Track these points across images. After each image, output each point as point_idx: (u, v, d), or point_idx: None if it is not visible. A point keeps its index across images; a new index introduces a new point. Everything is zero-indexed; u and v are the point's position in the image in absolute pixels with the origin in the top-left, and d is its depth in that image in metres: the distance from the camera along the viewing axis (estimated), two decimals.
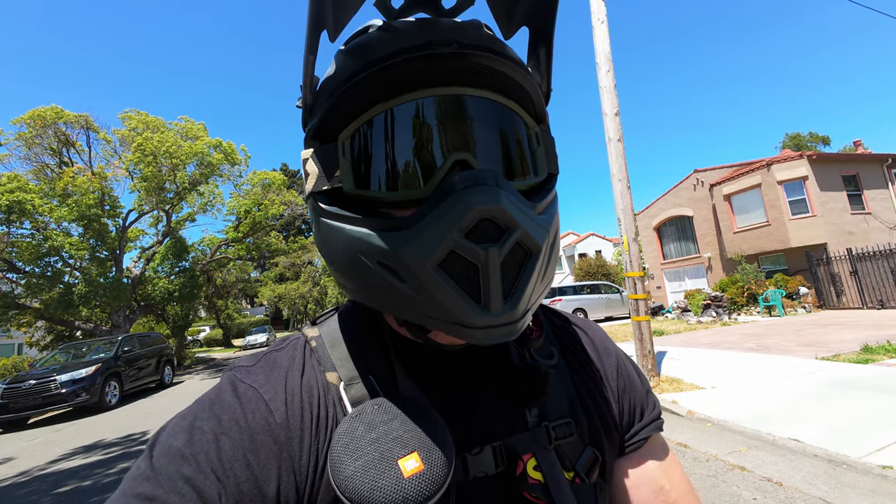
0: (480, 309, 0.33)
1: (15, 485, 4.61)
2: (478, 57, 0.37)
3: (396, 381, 0.42)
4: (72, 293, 13.19)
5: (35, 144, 14.87)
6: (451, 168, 0.36)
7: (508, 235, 0.34)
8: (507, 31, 0.43)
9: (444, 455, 0.36)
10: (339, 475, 0.34)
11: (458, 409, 0.43)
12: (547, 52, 0.42)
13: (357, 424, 0.37)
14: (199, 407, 0.40)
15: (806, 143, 41.00)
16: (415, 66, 0.36)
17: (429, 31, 0.37)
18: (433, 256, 0.33)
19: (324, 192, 0.39)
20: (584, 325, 0.59)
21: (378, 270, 0.36)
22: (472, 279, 0.34)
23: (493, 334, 0.34)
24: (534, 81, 0.41)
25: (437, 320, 0.35)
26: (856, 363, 5.45)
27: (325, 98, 0.39)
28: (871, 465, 2.80)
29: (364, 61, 0.37)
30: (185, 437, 0.37)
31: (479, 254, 0.33)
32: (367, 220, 0.36)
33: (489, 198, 0.33)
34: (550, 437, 0.43)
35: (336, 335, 0.46)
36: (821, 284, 13.33)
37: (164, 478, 0.34)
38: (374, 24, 0.42)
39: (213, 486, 0.34)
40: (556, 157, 0.45)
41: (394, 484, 0.33)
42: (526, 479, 0.41)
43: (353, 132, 0.38)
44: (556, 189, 0.44)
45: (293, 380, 0.42)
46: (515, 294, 0.35)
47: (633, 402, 0.54)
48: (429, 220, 0.34)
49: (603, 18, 6.10)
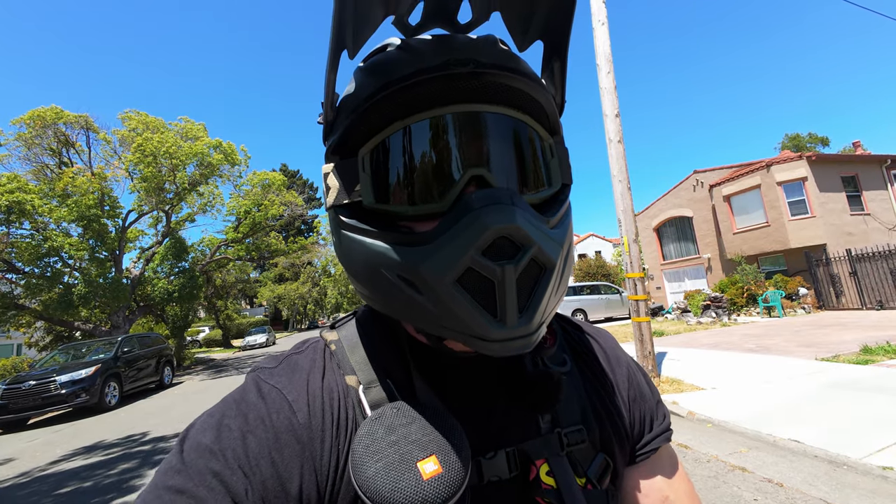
0: (496, 323, 0.35)
1: (16, 486, 4.60)
2: (494, 75, 0.38)
3: (414, 385, 0.43)
4: (71, 294, 13.17)
5: (35, 145, 14.84)
6: (467, 183, 0.37)
7: (524, 253, 0.35)
8: (522, 44, 0.44)
9: (462, 458, 0.37)
10: (361, 476, 0.35)
11: (472, 415, 0.43)
12: (561, 65, 0.43)
13: (377, 427, 0.38)
14: (226, 406, 0.41)
15: (805, 144, 41.03)
16: (433, 86, 0.37)
17: (446, 50, 0.38)
18: (452, 273, 0.34)
19: (344, 205, 0.41)
20: (596, 333, 0.60)
21: (397, 283, 0.37)
22: (489, 294, 0.35)
23: (509, 347, 0.35)
24: (548, 95, 0.42)
25: (454, 332, 0.36)
26: (855, 364, 5.46)
27: (345, 115, 0.40)
28: (872, 465, 2.81)
29: (383, 81, 0.38)
30: (214, 433, 0.38)
31: (496, 270, 0.34)
32: (387, 233, 0.38)
33: (505, 217, 0.34)
34: (563, 444, 0.44)
35: (355, 339, 0.47)
36: (820, 285, 13.34)
37: (194, 472, 0.35)
38: (392, 43, 0.43)
39: (241, 481, 0.35)
40: (570, 167, 0.46)
41: (413, 485, 0.34)
42: (539, 485, 0.42)
43: (372, 148, 0.39)
44: (570, 198, 0.45)
45: (314, 382, 0.43)
46: (530, 308, 0.36)
47: (644, 412, 0.55)
48: (447, 238, 0.35)
49: (603, 20, 6.12)
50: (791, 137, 43.03)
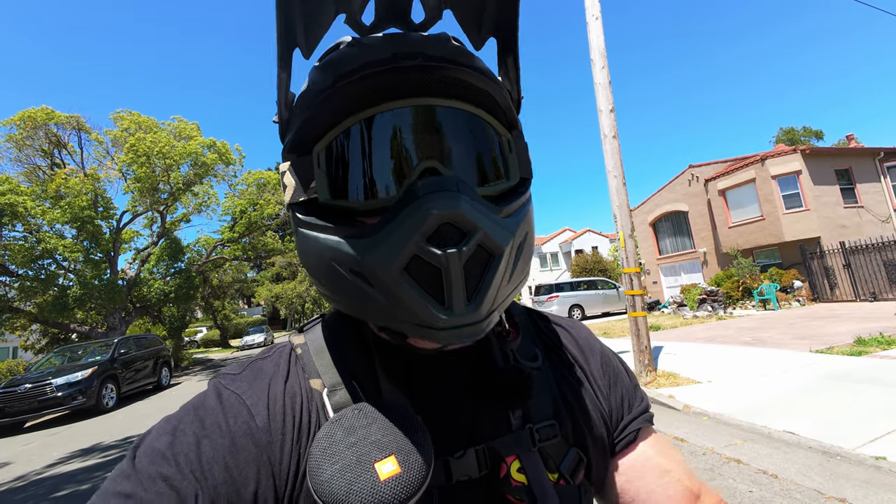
0: (444, 310, 0.35)
1: (11, 490, 4.58)
2: (443, 69, 0.38)
3: (380, 386, 0.42)
4: (66, 296, 13.10)
5: (26, 146, 14.73)
6: (419, 176, 0.37)
7: (469, 238, 0.35)
8: (477, 42, 0.44)
9: (422, 458, 0.36)
10: (317, 479, 0.35)
11: (441, 413, 0.43)
12: (514, 59, 0.44)
13: (336, 429, 0.37)
14: (184, 412, 0.41)
15: (800, 138, 41.21)
16: (381, 79, 0.37)
17: (395, 44, 0.39)
18: (397, 261, 0.34)
19: (301, 202, 0.41)
20: (567, 323, 0.59)
21: (350, 277, 0.37)
22: (436, 282, 0.35)
23: (458, 334, 0.36)
24: (502, 90, 0.42)
25: (404, 322, 0.37)
26: (849, 355, 5.50)
27: (298, 113, 0.40)
28: (865, 456, 2.83)
29: (333, 76, 0.38)
30: (168, 439, 0.38)
31: (440, 257, 0.34)
32: (339, 228, 0.38)
33: (448, 202, 0.34)
34: (534, 439, 0.43)
35: (321, 342, 0.47)
36: (814, 278, 13.44)
37: (144, 476, 0.35)
38: (344, 41, 0.43)
39: (191, 486, 0.35)
40: (530, 161, 0.46)
41: (370, 487, 0.34)
42: (509, 482, 0.41)
43: (326, 145, 0.39)
44: (531, 192, 0.45)
45: (276, 386, 0.43)
46: (479, 295, 0.36)
47: (621, 397, 0.54)
48: (392, 227, 0.35)
49: (597, 15, 6.10)
50: (786, 131, 43.21)
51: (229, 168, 17.75)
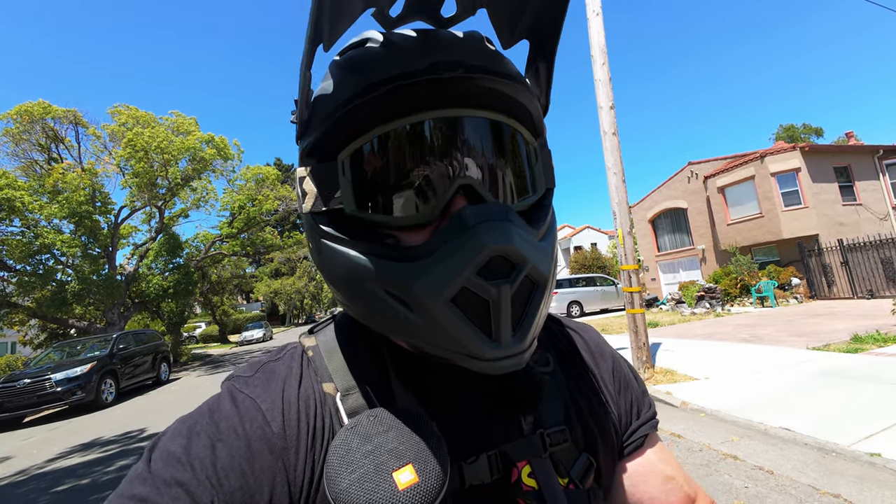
0: (491, 342, 0.34)
1: (12, 484, 4.60)
2: (482, 80, 0.36)
3: (393, 391, 0.42)
4: (64, 291, 13.06)
5: (22, 140, 14.60)
6: (455, 192, 0.36)
7: (519, 272, 0.34)
8: (507, 42, 0.43)
9: (440, 467, 0.36)
10: (335, 488, 0.34)
11: (453, 418, 0.43)
12: (548, 67, 0.42)
13: (352, 436, 0.37)
14: (199, 414, 0.40)
15: (799, 135, 41.16)
16: (418, 90, 0.35)
17: (432, 50, 0.37)
18: (447, 292, 0.33)
19: (322, 212, 0.39)
20: (579, 327, 0.60)
21: (386, 298, 0.36)
22: (483, 314, 0.34)
23: (501, 366, 0.35)
24: (534, 99, 0.41)
25: (444, 349, 0.36)
26: (846, 353, 5.54)
27: (323, 116, 0.38)
28: (860, 452, 2.86)
29: (365, 83, 0.36)
30: (183, 442, 0.37)
31: (492, 291, 0.33)
32: (374, 245, 0.37)
33: (502, 236, 0.33)
34: (545, 445, 0.43)
35: (333, 345, 0.46)
36: (812, 275, 13.48)
37: (160, 481, 0.35)
38: (372, 38, 0.41)
39: (207, 492, 0.34)
40: (553, 169, 0.45)
41: (389, 497, 0.33)
42: (520, 487, 0.42)
43: (353, 152, 0.38)
44: (554, 202, 0.45)
45: (290, 390, 0.42)
46: (524, 325, 0.36)
47: (630, 403, 0.55)
48: (441, 255, 0.34)
49: (598, 11, 6.07)
50: (786, 128, 43.17)
51: (228, 163, 17.65)
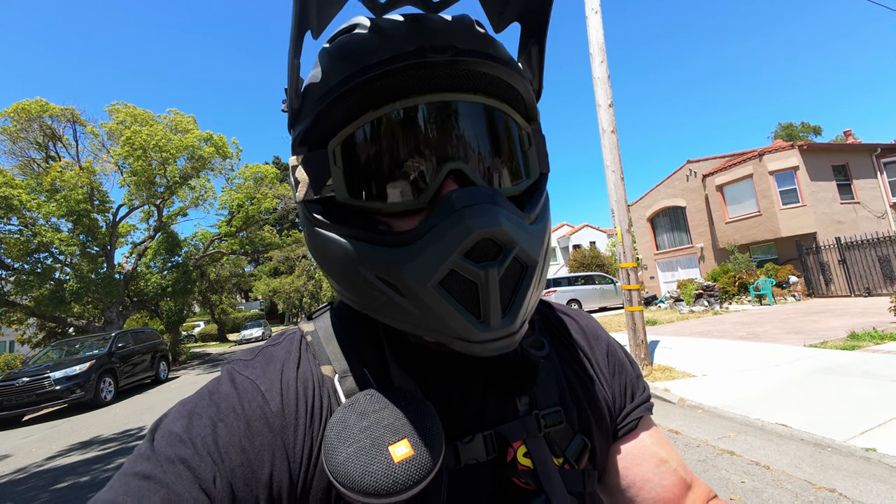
0: (480, 324, 0.35)
1: (12, 482, 4.60)
2: (473, 63, 0.36)
3: (390, 373, 0.43)
4: (63, 290, 13.04)
5: (20, 138, 14.54)
6: (445, 177, 0.36)
7: (507, 254, 0.35)
8: (498, 25, 0.42)
9: (434, 442, 0.37)
10: (332, 461, 0.35)
11: (450, 400, 0.44)
12: (539, 49, 0.42)
13: (349, 413, 0.38)
14: (199, 396, 0.41)
15: (798, 133, 41.24)
16: (407, 75, 0.35)
17: (421, 35, 0.36)
18: (435, 276, 0.34)
19: (315, 200, 0.40)
20: (574, 313, 0.61)
21: (377, 284, 0.37)
22: (472, 296, 0.35)
23: (492, 347, 0.36)
24: (527, 82, 0.41)
25: (435, 332, 0.36)
26: (842, 350, 5.56)
27: (312, 104, 0.38)
28: (855, 447, 2.88)
29: (353, 68, 0.36)
30: (185, 422, 0.38)
31: (479, 273, 0.34)
32: (365, 232, 0.37)
33: (489, 219, 0.33)
34: (540, 425, 0.44)
35: (330, 330, 0.47)
36: (810, 273, 13.53)
37: (163, 458, 0.35)
38: (360, 23, 0.40)
39: (209, 468, 0.35)
40: (547, 155, 0.45)
41: (384, 469, 0.34)
42: (516, 466, 0.43)
43: (343, 139, 0.38)
44: (547, 188, 0.44)
45: (289, 372, 0.43)
46: (513, 308, 0.36)
47: (624, 386, 0.56)
48: (429, 240, 0.34)
49: (597, 8, 6.07)
50: (784, 126, 43.23)
51: (226, 162, 17.62)
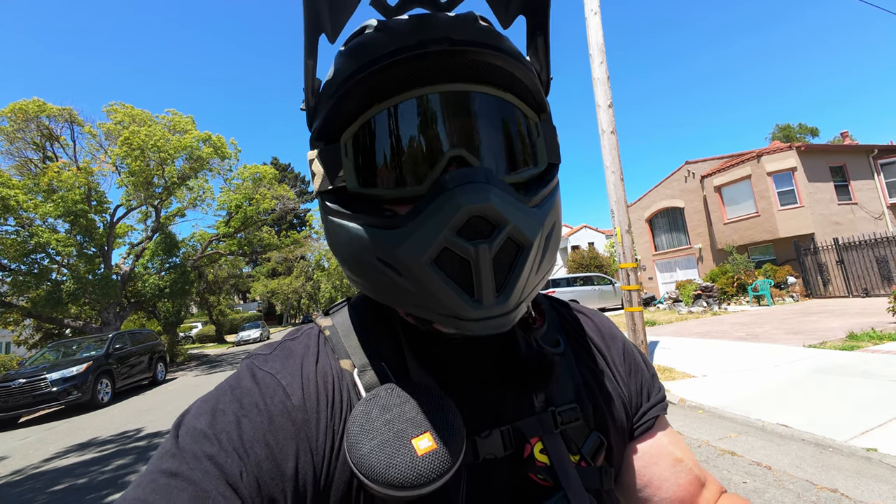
0: (474, 302, 0.35)
1: (9, 484, 4.56)
2: (471, 53, 0.37)
3: (408, 367, 0.43)
4: (60, 291, 12.96)
5: (17, 139, 14.47)
6: (448, 164, 0.37)
7: (499, 231, 0.35)
8: (505, 21, 0.43)
9: (456, 436, 0.37)
10: (356, 453, 0.36)
11: (467, 395, 0.44)
12: (544, 40, 0.43)
13: (371, 407, 0.38)
14: (221, 392, 0.41)
15: (795, 135, 41.41)
16: (408, 66, 0.37)
17: (421, 29, 0.38)
18: (427, 253, 0.35)
19: (330, 190, 0.41)
20: (590, 312, 0.61)
21: (378, 266, 0.38)
22: (466, 274, 0.35)
23: (486, 326, 0.36)
24: (531, 72, 0.42)
25: (433, 312, 0.37)
26: (841, 350, 5.59)
27: (325, 100, 0.40)
28: (856, 447, 2.89)
29: (358, 63, 0.38)
30: (208, 418, 0.38)
31: (470, 250, 0.34)
32: (367, 217, 0.38)
33: (479, 196, 0.34)
34: (556, 422, 0.44)
35: (348, 325, 0.48)
36: (808, 274, 13.58)
37: (189, 455, 0.35)
38: (370, 25, 0.42)
39: (235, 463, 0.35)
40: (558, 146, 0.45)
41: (408, 461, 0.35)
42: (533, 462, 0.43)
43: (353, 133, 0.40)
44: (559, 179, 0.44)
45: (308, 366, 0.43)
46: (508, 287, 0.36)
47: (640, 385, 0.56)
48: (421, 219, 0.35)
49: (596, 9, 6.08)
50: (782, 128, 43.39)
51: (224, 162, 17.54)
